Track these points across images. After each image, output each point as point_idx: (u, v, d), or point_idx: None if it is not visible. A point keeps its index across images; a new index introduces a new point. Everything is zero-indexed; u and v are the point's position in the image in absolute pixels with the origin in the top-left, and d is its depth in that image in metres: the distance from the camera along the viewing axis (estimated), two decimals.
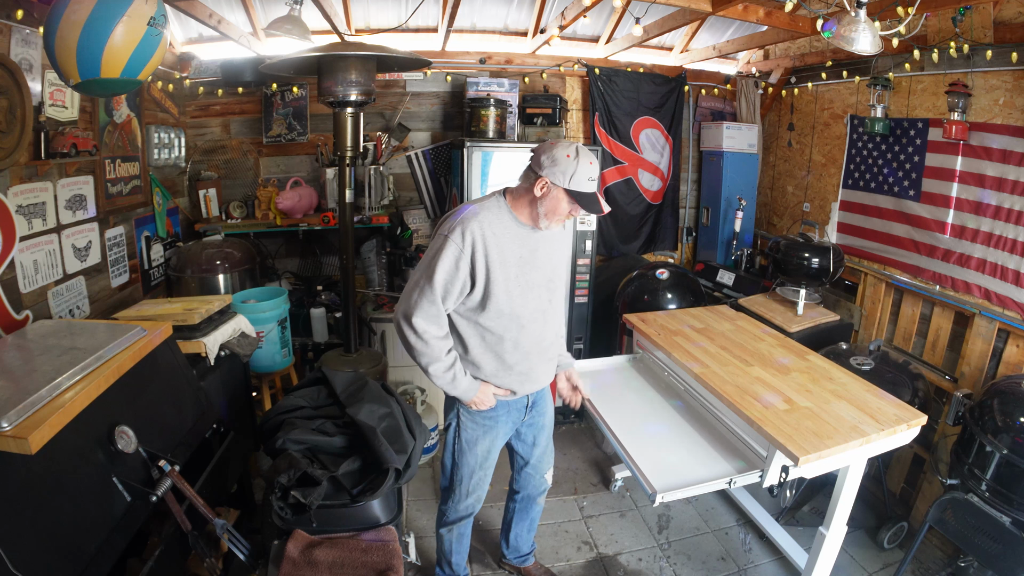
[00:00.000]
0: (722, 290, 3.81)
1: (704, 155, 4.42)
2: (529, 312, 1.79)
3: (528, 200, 1.73)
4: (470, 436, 1.94)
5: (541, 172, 1.67)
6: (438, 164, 3.92)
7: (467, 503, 2.04)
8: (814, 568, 2.11)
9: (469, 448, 1.95)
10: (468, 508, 2.06)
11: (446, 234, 1.68)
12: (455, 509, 2.06)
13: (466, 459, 1.96)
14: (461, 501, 2.03)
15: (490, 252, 1.68)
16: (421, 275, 1.71)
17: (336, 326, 3.48)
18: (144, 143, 2.97)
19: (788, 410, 1.92)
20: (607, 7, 3.39)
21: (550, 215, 1.72)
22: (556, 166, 1.65)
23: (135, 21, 1.69)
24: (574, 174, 1.65)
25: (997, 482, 2.07)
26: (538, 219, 1.74)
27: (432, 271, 1.67)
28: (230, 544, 1.61)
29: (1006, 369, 2.49)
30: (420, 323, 1.69)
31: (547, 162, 1.66)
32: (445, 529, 2.12)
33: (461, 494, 2.02)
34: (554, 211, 1.71)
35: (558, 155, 1.65)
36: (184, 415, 1.83)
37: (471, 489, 2.02)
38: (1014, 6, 2.48)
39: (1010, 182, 2.54)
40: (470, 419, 1.92)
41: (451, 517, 2.09)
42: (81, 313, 2.38)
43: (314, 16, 2.84)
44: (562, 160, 1.65)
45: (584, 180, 1.66)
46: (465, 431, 1.94)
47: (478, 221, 1.69)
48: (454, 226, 1.69)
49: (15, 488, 1.20)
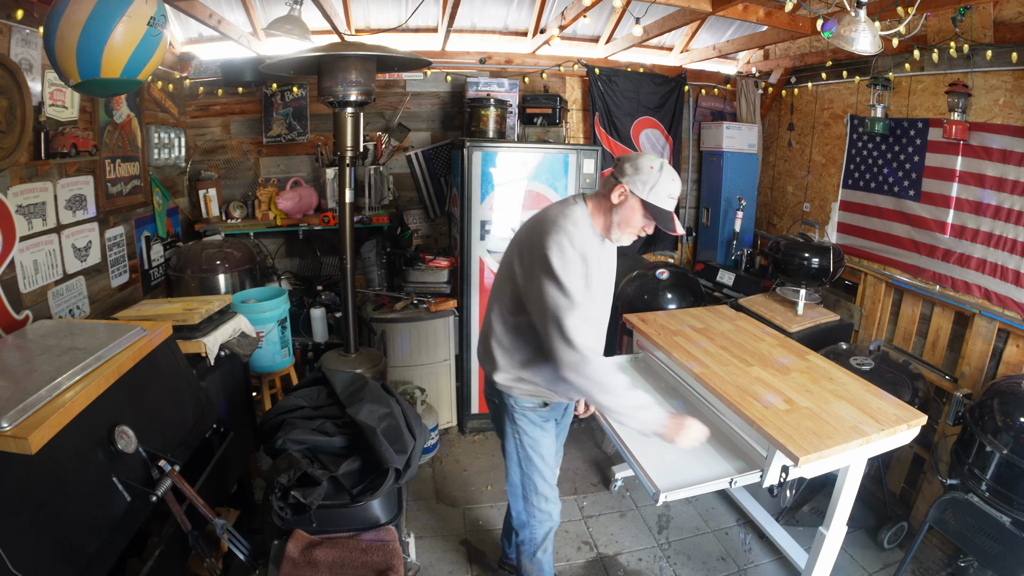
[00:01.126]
0: (722, 290, 3.81)
1: (704, 155, 4.42)
2: (602, 319, 1.79)
3: (604, 208, 1.69)
4: (532, 440, 1.88)
5: (621, 179, 1.63)
6: (438, 164, 3.92)
7: (550, 509, 1.93)
8: (814, 568, 2.11)
9: (535, 452, 1.89)
10: (554, 514, 1.95)
11: (558, 244, 1.58)
12: (542, 522, 1.94)
13: (535, 465, 1.89)
14: (545, 510, 1.93)
15: (589, 261, 1.63)
16: (555, 297, 1.55)
17: (336, 326, 3.48)
18: (144, 143, 2.97)
19: (788, 410, 1.92)
20: (607, 7, 3.39)
21: (623, 226, 1.68)
22: (638, 175, 1.61)
23: (135, 21, 1.69)
24: (655, 186, 1.61)
25: (997, 482, 2.07)
26: (610, 229, 1.69)
27: (565, 286, 1.55)
28: (230, 544, 1.61)
29: (1006, 369, 2.49)
30: (590, 341, 1.56)
31: (629, 169, 1.62)
32: (540, 551, 1.98)
33: (541, 502, 1.92)
34: (628, 222, 1.67)
35: (642, 164, 1.61)
36: (184, 415, 1.83)
37: (548, 493, 1.92)
38: (1014, 6, 2.48)
39: (1010, 182, 2.54)
40: (528, 420, 1.87)
41: (540, 534, 1.96)
42: (81, 313, 2.38)
43: (314, 16, 2.84)
44: (645, 170, 1.61)
45: (664, 196, 1.63)
46: (526, 436, 1.87)
47: (576, 228, 1.62)
48: (560, 238, 1.59)
49: (15, 488, 1.20)
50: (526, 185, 3.22)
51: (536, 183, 3.23)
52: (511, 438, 1.91)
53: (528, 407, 1.88)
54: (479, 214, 3.20)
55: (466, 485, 3.02)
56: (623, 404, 1.63)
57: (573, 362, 1.56)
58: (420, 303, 3.34)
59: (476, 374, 3.44)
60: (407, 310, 3.31)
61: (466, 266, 3.27)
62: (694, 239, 4.60)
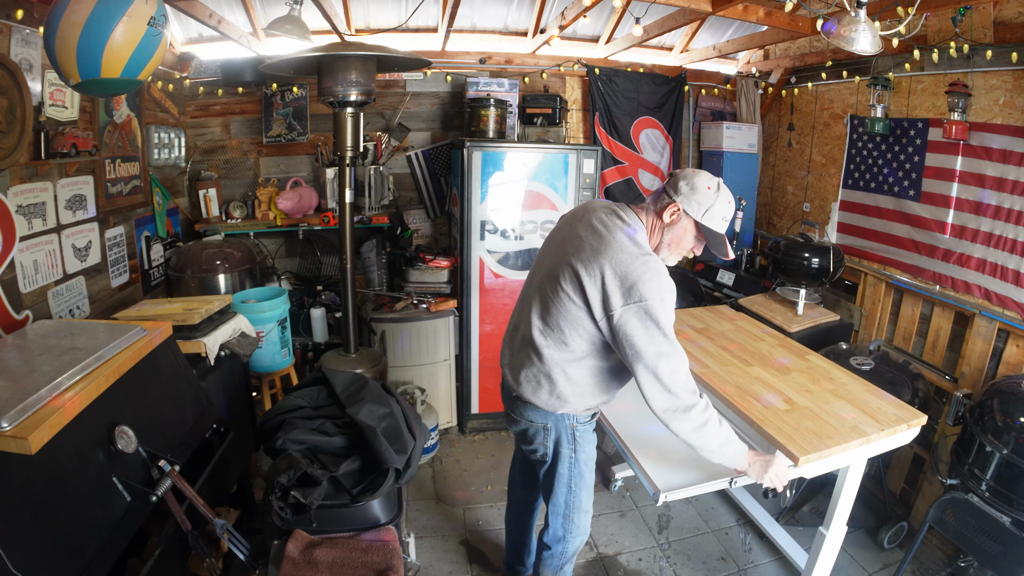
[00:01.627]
0: (722, 290, 3.81)
1: (704, 155, 4.42)
2: None
3: (654, 226, 1.62)
4: (587, 455, 1.78)
5: (676, 198, 1.57)
6: (438, 164, 3.92)
7: (586, 524, 1.87)
8: (814, 568, 2.11)
9: (588, 468, 1.80)
10: (587, 530, 1.89)
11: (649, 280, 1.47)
12: (577, 537, 1.86)
13: (585, 480, 1.80)
14: (584, 525, 1.86)
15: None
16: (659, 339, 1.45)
17: (336, 326, 3.48)
18: (144, 143, 2.97)
19: (788, 410, 1.92)
20: (607, 7, 3.39)
21: (672, 246, 1.62)
22: (695, 194, 1.55)
23: (135, 21, 1.69)
24: (711, 208, 1.55)
25: (997, 482, 2.07)
26: (658, 248, 1.62)
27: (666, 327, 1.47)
28: (230, 544, 1.61)
29: (1006, 369, 2.49)
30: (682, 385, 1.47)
31: (685, 188, 1.56)
32: (568, 564, 1.93)
33: (583, 519, 1.84)
34: (678, 243, 1.61)
35: (699, 184, 1.55)
36: (184, 415, 1.83)
37: (590, 509, 1.86)
38: (1014, 6, 2.48)
39: (1010, 182, 2.54)
40: (584, 436, 1.76)
41: (572, 549, 1.88)
42: (81, 313, 2.38)
43: (314, 16, 2.84)
44: (702, 190, 1.55)
45: (719, 218, 1.57)
46: (583, 452, 1.76)
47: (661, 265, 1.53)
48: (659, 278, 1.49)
49: (15, 488, 1.20)
50: (526, 185, 3.22)
51: (536, 183, 3.23)
52: (566, 459, 1.76)
53: (585, 421, 1.77)
54: (479, 214, 3.20)
55: (466, 485, 3.02)
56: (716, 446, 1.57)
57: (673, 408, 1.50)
58: (420, 303, 3.34)
59: (476, 374, 3.44)
60: (407, 310, 3.31)
61: (466, 266, 3.27)
62: None
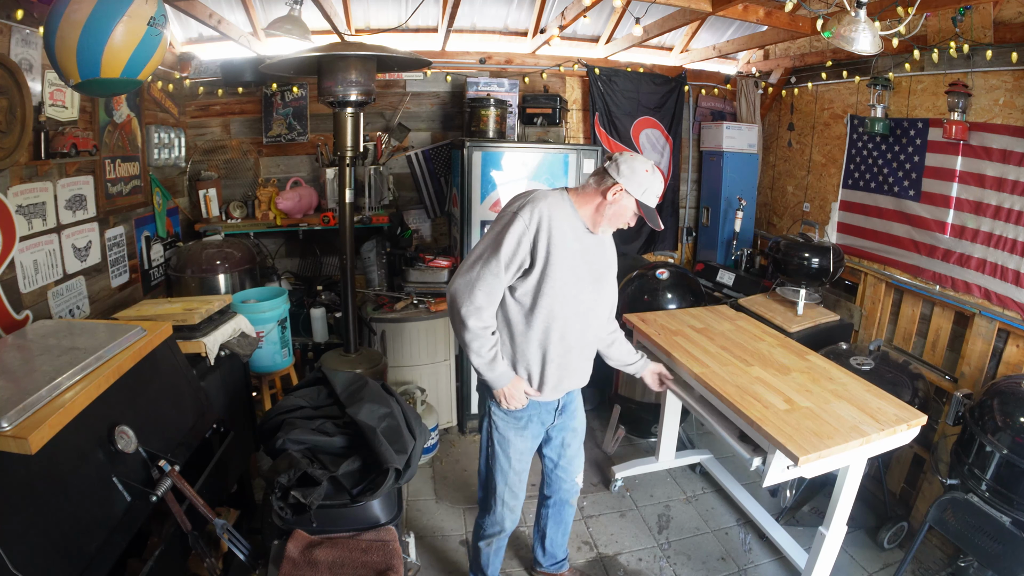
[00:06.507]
0: (722, 290, 3.81)
1: (704, 155, 4.42)
2: (577, 306, 1.82)
3: (595, 203, 1.79)
4: (502, 436, 1.93)
5: (618, 179, 1.74)
6: (438, 164, 3.92)
7: (503, 516, 2.01)
8: (814, 568, 2.11)
9: (502, 450, 1.94)
10: (505, 523, 2.03)
11: (515, 211, 1.72)
12: (492, 523, 2.04)
13: (499, 463, 1.95)
14: (497, 514, 2.01)
15: (554, 235, 1.71)
16: (486, 248, 1.73)
17: (336, 326, 3.48)
18: (144, 143, 2.97)
19: (788, 410, 1.92)
20: (607, 7, 3.39)
21: (613, 220, 1.80)
22: (635, 176, 1.73)
23: (135, 21, 1.69)
24: (648, 188, 1.76)
25: (997, 482, 2.07)
26: (598, 223, 1.80)
27: (499, 244, 1.69)
28: (230, 544, 1.61)
29: (1006, 369, 2.50)
30: (480, 297, 1.71)
31: (627, 171, 1.74)
32: (484, 543, 2.10)
33: (497, 504, 1.99)
34: (619, 217, 1.80)
35: (638, 167, 1.74)
36: (184, 415, 1.83)
37: (506, 499, 1.99)
38: (1014, 6, 2.48)
39: (1010, 182, 2.54)
40: (502, 418, 1.92)
41: (488, 531, 2.06)
42: (81, 313, 2.38)
43: (314, 16, 2.84)
44: (641, 173, 1.74)
45: (653, 196, 1.79)
46: (497, 431, 1.93)
47: (547, 204, 1.72)
48: (524, 204, 1.72)
49: (15, 488, 1.20)
50: (526, 185, 3.21)
51: (536, 183, 3.22)
52: (484, 432, 1.97)
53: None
54: (479, 214, 3.20)
55: (466, 485, 3.02)
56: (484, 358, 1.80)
57: (465, 309, 1.72)
58: (420, 303, 3.34)
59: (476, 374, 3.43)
60: (407, 310, 3.31)
61: None
62: (694, 239, 4.60)
